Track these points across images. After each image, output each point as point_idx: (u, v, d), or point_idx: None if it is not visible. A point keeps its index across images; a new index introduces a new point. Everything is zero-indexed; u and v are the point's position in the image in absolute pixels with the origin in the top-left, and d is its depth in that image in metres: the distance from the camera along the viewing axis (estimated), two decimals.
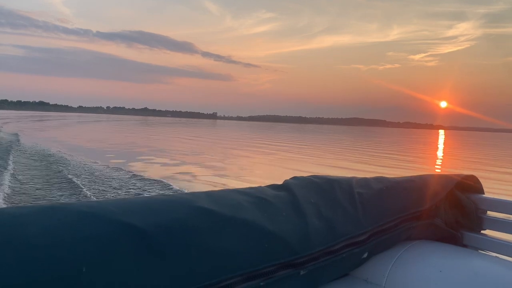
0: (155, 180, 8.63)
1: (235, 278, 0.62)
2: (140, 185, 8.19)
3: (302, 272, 0.72)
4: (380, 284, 0.83)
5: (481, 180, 1.04)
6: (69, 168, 9.89)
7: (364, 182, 0.97)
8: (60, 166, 10.13)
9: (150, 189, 7.83)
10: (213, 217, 0.67)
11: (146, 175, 9.36)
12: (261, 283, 0.65)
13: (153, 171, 10.12)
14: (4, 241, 0.49)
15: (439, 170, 14.83)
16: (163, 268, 0.57)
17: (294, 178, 0.95)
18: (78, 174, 8.99)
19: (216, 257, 0.62)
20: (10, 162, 10.09)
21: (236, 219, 0.69)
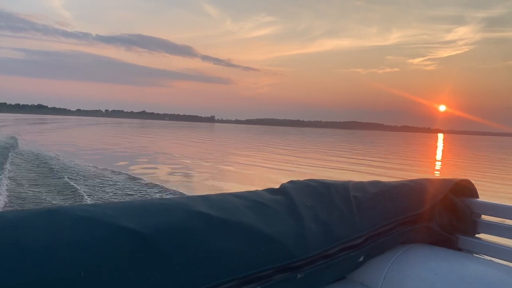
0: (153, 184, 8.68)
1: (232, 281, 0.62)
2: (138, 188, 8.21)
3: (299, 276, 0.72)
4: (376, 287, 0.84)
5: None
6: (67, 171, 9.89)
7: (360, 186, 0.98)
8: (58, 169, 10.16)
9: (148, 192, 7.84)
10: (210, 220, 0.68)
11: (144, 178, 9.49)
12: (258, 287, 0.65)
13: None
14: (2, 245, 0.49)
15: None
16: (160, 271, 0.57)
17: (291, 182, 0.96)
18: (76, 178, 9.00)
19: (213, 260, 0.62)
20: (7, 166, 10.05)
21: (233, 222, 0.70)
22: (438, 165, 20.58)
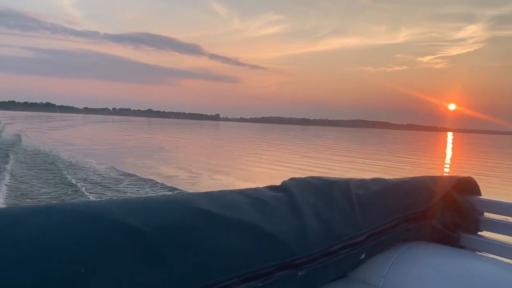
0: (154, 181, 8.80)
1: (233, 279, 0.62)
2: (139, 184, 8.36)
3: (300, 273, 0.72)
4: (377, 285, 0.83)
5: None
6: (68, 168, 10.04)
7: (362, 183, 0.98)
8: (59, 166, 10.31)
9: (149, 189, 7.97)
10: (211, 217, 0.68)
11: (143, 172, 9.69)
12: (259, 284, 0.66)
13: None
14: (2, 241, 0.49)
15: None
16: (161, 268, 0.57)
17: (292, 179, 0.96)
18: (76, 174, 9.12)
19: (214, 258, 0.62)
20: (10, 163, 10.21)
21: (234, 220, 0.70)
22: None
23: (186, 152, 20.62)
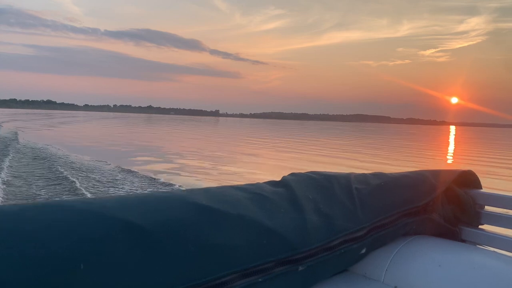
0: (154, 177, 8.86)
1: (233, 274, 0.62)
2: (139, 181, 8.40)
3: (300, 268, 0.72)
4: (378, 280, 0.83)
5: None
6: (66, 165, 9.98)
7: (363, 177, 0.98)
8: (57, 163, 10.28)
9: (148, 185, 8.00)
10: (211, 213, 0.68)
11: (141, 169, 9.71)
12: (259, 279, 0.66)
13: None
14: (2, 238, 0.50)
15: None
16: (161, 265, 0.57)
17: (292, 174, 0.96)
18: (75, 171, 9.08)
19: (214, 253, 0.62)
20: (7, 160, 10.18)
21: (234, 215, 0.70)
22: None
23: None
